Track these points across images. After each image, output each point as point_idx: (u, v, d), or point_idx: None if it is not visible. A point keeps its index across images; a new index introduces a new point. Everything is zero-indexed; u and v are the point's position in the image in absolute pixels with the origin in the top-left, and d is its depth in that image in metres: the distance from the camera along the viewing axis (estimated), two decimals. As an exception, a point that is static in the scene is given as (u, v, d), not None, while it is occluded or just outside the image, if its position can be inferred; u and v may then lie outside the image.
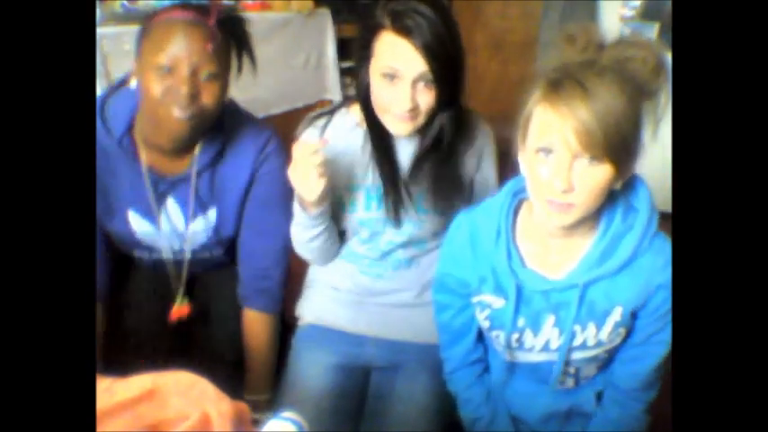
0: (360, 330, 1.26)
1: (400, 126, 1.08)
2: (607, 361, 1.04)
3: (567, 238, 0.94)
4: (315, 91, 3.35)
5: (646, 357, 0.99)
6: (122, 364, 1.18)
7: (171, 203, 1.22)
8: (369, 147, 1.16)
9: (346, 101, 1.24)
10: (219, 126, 1.17)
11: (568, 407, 1.09)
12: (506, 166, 1.00)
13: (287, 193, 1.17)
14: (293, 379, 1.21)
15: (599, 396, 1.07)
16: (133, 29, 1.16)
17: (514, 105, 0.89)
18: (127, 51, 1.14)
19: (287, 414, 0.75)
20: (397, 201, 1.15)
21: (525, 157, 0.88)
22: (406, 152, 1.18)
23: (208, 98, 1.07)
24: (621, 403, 1.04)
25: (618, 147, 0.80)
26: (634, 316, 0.97)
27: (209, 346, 1.33)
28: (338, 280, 1.27)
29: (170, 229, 1.24)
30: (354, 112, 1.20)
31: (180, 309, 1.32)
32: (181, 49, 1.03)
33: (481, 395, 1.11)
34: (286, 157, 1.14)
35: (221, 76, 1.09)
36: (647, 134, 0.84)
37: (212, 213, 1.24)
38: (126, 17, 2.51)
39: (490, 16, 3.31)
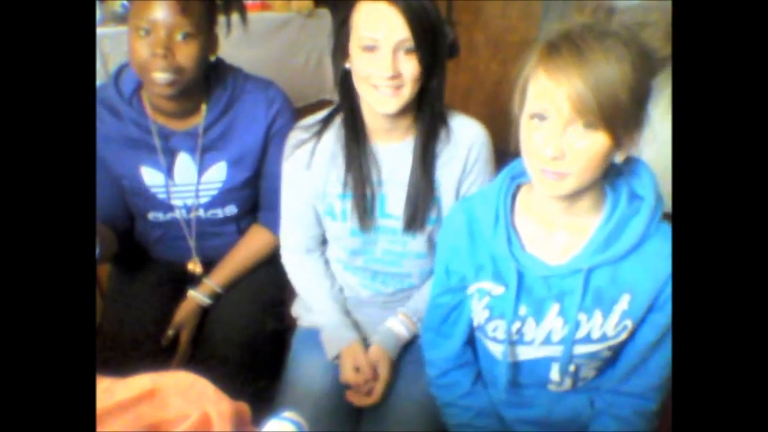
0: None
1: (385, 101, 1.02)
2: (607, 363, 1.02)
3: (569, 217, 0.92)
4: (315, 91, 3.35)
5: (659, 352, 0.95)
6: (120, 364, 1.17)
7: (182, 157, 1.27)
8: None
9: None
10: (224, 83, 1.24)
11: (566, 413, 1.06)
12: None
13: None
14: (293, 379, 1.20)
15: (593, 403, 1.05)
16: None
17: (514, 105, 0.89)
18: (127, 51, 1.15)
19: (286, 414, 0.75)
20: (362, 206, 1.13)
21: (521, 124, 0.86)
22: (386, 158, 1.14)
23: (184, 58, 1.12)
24: (626, 409, 1.00)
25: (613, 114, 0.78)
26: (650, 309, 0.93)
27: (210, 346, 1.33)
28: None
29: (182, 181, 1.28)
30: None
31: (194, 265, 1.39)
32: (156, 10, 1.08)
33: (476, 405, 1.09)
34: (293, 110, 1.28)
35: (197, 36, 1.12)
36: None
37: (223, 167, 1.28)
38: (126, 17, 2.50)
39: (490, 16, 3.30)
